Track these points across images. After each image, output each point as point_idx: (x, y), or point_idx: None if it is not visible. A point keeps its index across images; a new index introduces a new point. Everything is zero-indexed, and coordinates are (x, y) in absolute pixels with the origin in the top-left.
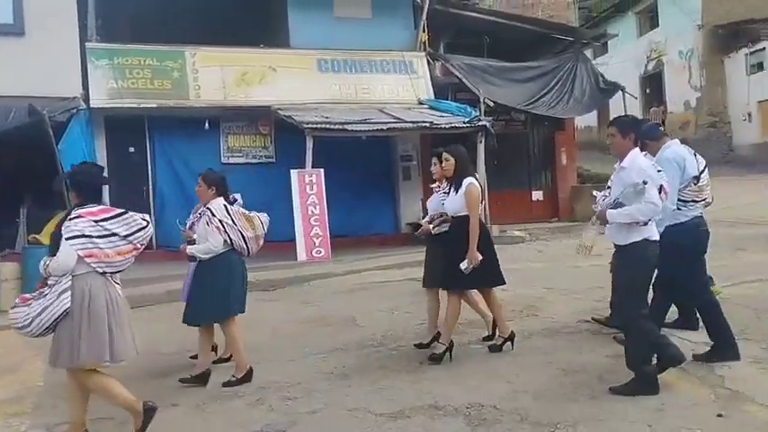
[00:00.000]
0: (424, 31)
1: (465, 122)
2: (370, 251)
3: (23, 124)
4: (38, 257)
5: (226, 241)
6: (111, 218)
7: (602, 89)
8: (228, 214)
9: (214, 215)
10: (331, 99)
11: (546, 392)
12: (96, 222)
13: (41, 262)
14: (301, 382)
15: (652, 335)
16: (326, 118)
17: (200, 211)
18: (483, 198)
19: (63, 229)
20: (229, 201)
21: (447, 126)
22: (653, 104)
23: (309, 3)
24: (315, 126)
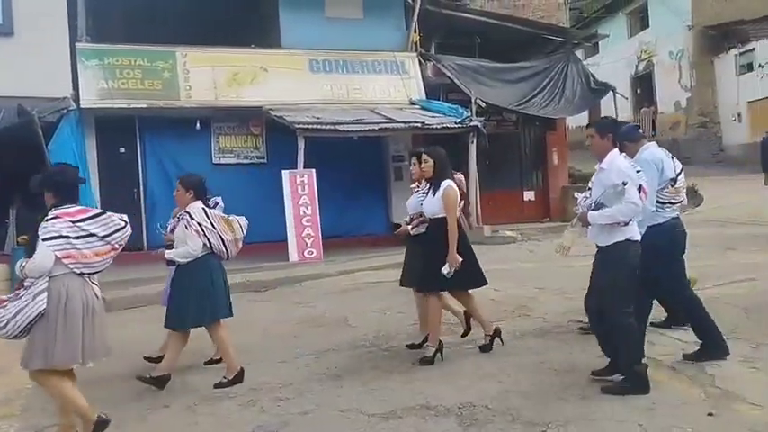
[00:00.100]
0: (415, 32)
1: (456, 123)
2: (362, 251)
3: (13, 125)
4: None
5: (205, 245)
6: (89, 218)
7: (593, 89)
8: (207, 217)
9: (193, 218)
10: (322, 99)
11: (537, 392)
12: (74, 223)
13: (18, 264)
14: (293, 382)
15: (639, 334)
16: (318, 118)
17: (178, 214)
18: (461, 198)
19: (40, 230)
20: (208, 204)
21: (439, 126)
22: (644, 105)
23: (301, 3)
24: (306, 126)
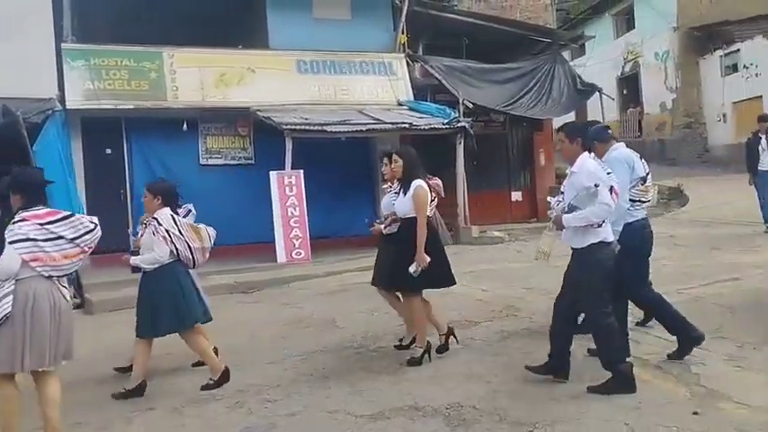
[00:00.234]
0: (403, 33)
1: (444, 124)
2: (350, 252)
3: None
4: None
5: (172, 252)
6: (58, 221)
7: (580, 90)
8: (175, 224)
9: (161, 224)
10: (310, 100)
11: (525, 392)
12: (42, 225)
13: None
14: (281, 384)
15: (620, 334)
16: (306, 119)
17: (146, 220)
18: (437, 201)
19: (6, 232)
20: (177, 211)
21: (426, 127)
22: (630, 106)
23: (288, 4)
24: (294, 127)
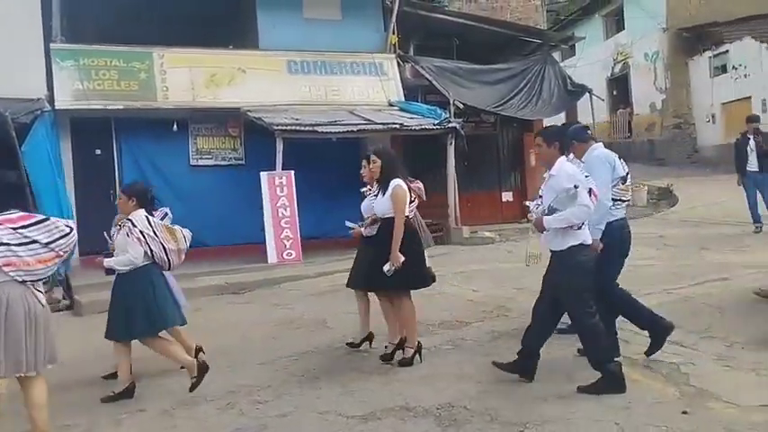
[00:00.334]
0: (393, 33)
1: (435, 124)
2: (341, 253)
3: None
4: None
5: (146, 253)
6: (32, 225)
7: (570, 91)
8: (150, 225)
9: (135, 226)
10: (301, 101)
11: (516, 392)
12: (15, 230)
13: None
14: (271, 385)
15: (606, 333)
16: (296, 119)
17: (120, 222)
18: (418, 203)
19: None
20: (152, 213)
21: (417, 128)
22: (620, 106)
23: (278, 4)
24: (285, 128)
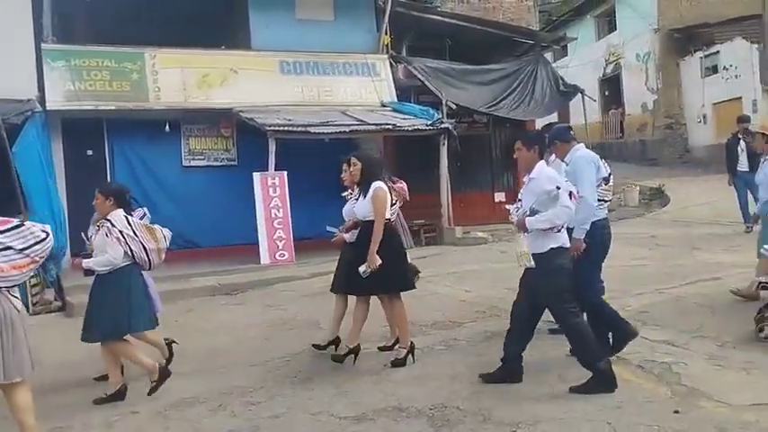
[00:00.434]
0: (386, 34)
1: (428, 125)
2: (334, 254)
3: None
4: None
5: (126, 253)
6: (6, 231)
7: (562, 92)
8: (129, 225)
9: (114, 226)
10: (293, 101)
11: (508, 392)
12: None
13: None
14: (264, 386)
15: (591, 331)
16: (289, 120)
17: (98, 222)
18: (402, 203)
19: None
20: (131, 214)
21: (410, 128)
22: (611, 107)
23: (271, 4)
24: (277, 128)
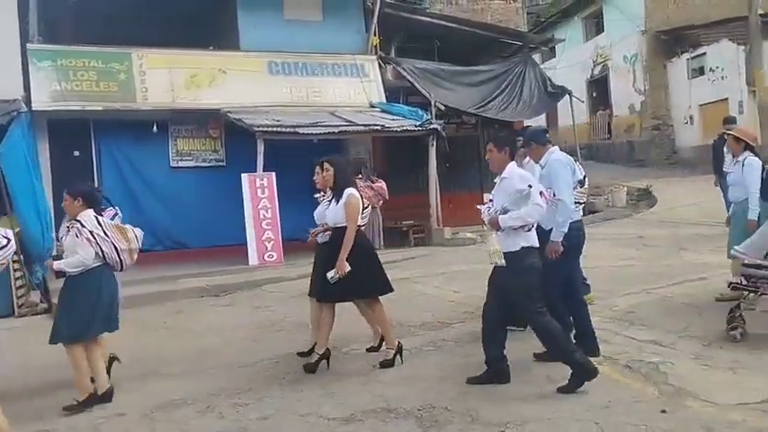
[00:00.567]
0: (375, 35)
1: (416, 126)
2: None
3: None
4: None
5: (97, 254)
6: None
7: (550, 93)
8: (99, 225)
9: (84, 226)
10: (282, 102)
11: (496, 393)
12: None
13: None
14: (252, 387)
15: (559, 326)
16: (278, 121)
17: (68, 224)
18: (384, 200)
19: None
20: (101, 213)
21: (399, 129)
22: (599, 108)
23: (259, 5)
24: (266, 129)
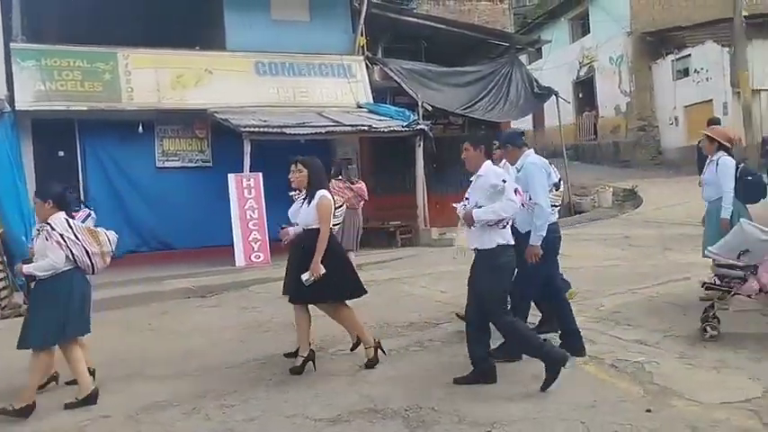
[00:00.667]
0: (362, 35)
1: (404, 126)
2: None
3: None
4: None
5: (68, 257)
6: None
7: (537, 94)
8: (70, 228)
9: (54, 229)
10: (269, 102)
11: (482, 393)
12: None
13: None
14: (238, 389)
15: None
16: (264, 121)
17: (38, 226)
18: (365, 201)
19: None
20: (72, 215)
21: (386, 130)
22: (585, 109)
23: (246, 5)
24: (253, 129)
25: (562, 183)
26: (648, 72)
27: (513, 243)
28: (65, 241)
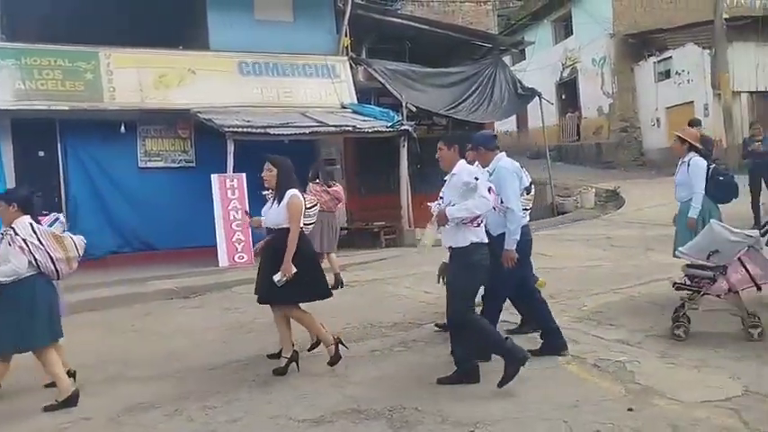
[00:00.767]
0: (346, 36)
1: (388, 127)
2: None
3: None
4: None
5: (31, 263)
6: None
7: (520, 95)
8: (34, 232)
9: (17, 234)
10: (253, 102)
11: (465, 393)
12: None
13: None
14: (221, 390)
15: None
16: (248, 121)
17: (2, 231)
18: (340, 205)
19: None
20: (38, 220)
21: (370, 130)
22: (568, 110)
23: (229, 4)
24: (236, 129)
25: (533, 187)
26: (630, 74)
27: (486, 241)
28: (28, 246)
